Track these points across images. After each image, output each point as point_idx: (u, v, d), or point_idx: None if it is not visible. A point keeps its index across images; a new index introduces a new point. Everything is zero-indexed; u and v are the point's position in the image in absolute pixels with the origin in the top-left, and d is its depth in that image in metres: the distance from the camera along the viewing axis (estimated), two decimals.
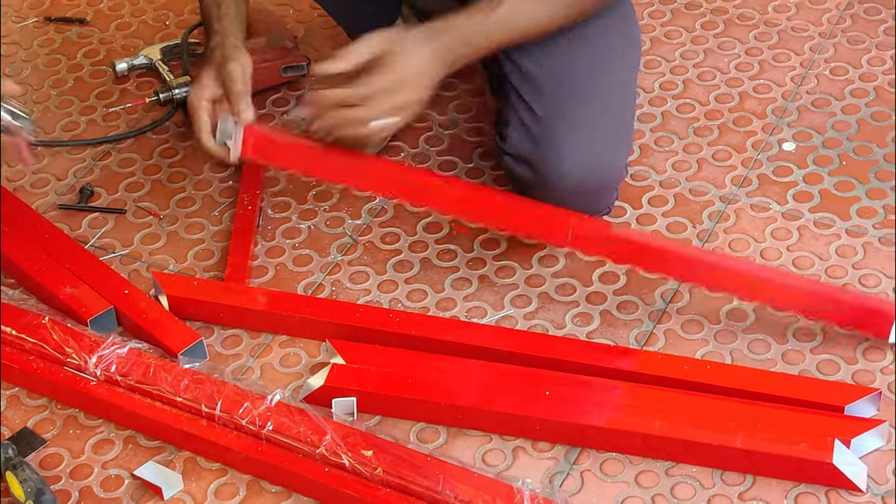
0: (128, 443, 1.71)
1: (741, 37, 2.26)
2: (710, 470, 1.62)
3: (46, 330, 1.78)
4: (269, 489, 1.65)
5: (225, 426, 1.67)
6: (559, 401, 1.66)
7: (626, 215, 1.95)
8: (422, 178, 1.90)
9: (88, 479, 1.68)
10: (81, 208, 2.06)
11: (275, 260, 1.95)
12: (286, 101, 2.22)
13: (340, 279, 1.91)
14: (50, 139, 2.18)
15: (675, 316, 1.81)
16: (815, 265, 1.86)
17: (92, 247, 1.99)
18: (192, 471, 1.67)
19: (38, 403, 1.77)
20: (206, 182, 2.09)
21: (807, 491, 1.59)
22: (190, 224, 2.02)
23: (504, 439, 1.68)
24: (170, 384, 1.70)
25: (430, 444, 1.68)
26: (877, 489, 1.59)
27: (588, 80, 1.82)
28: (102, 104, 2.25)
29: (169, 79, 2.23)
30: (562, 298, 1.85)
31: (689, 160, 2.04)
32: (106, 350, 1.74)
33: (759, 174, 2.01)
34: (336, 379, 1.71)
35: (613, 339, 1.79)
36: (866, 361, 1.73)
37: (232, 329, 1.85)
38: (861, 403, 1.64)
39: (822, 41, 2.24)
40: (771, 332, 1.77)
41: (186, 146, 2.15)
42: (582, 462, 1.65)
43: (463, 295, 1.87)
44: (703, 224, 1.94)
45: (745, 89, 2.16)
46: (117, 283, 1.87)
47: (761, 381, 1.68)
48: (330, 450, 1.60)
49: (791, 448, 1.58)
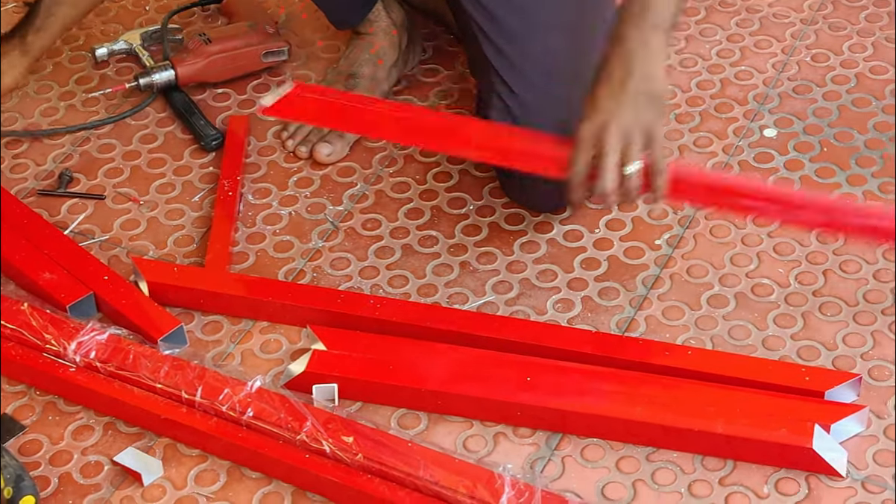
0: (107, 429, 1.71)
1: (723, 23, 2.26)
2: (690, 455, 1.62)
3: (25, 316, 1.77)
4: (250, 475, 1.64)
5: (205, 412, 1.66)
6: (540, 387, 1.66)
7: None
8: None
9: (68, 465, 1.67)
10: (61, 194, 2.05)
11: (255, 246, 1.94)
12: (266, 86, 2.21)
13: (321, 265, 1.91)
14: (28, 125, 2.17)
15: (656, 302, 1.81)
16: (795, 251, 1.86)
17: (71, 232, 1.98)
18: (172, 457, 1.67)
19: (17, 390, 1.76)
20: (187, 168, 2.08)
21: (787, 476, 1.59)
22: (170, 210, 2.01)
23: (485, 425, 1.68)
24: (150, 370, 1.69)
25: (411, 430, 1.68)
26: (857, 474, 1.59)
27: (566, 60, 1.82)
28: (82, 90, 2.24)
29: (149, 64, 2.22)
30: (543, 284, 1.85)
31: (671, 146, 2.04)
32: (85, 336, 1.73)
33: (741, 160, 2.01)
34: (317, 365, 1.71)
35: (595, 325, 1.79)
36: (847, 347, 1.73)
37: (212, 315, 1.84)
38: (841, 389, 1.64)
39: (803, 28, 2.24)
40: (751, 318, 1.78)
41: (166, 132, 2.14)
42: (563, 448, 1.65)
43: (444, 281, 1.87)
44: (684, 210, 1.93)
45: (726, 76, 2.16)
46: (97, 269, 1.86)
47: (742, 367, 1.68)
48: (311, 436, 1.60)
49: (771, 433, 1.58)
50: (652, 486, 1.60)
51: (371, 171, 2.03)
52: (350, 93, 2.00)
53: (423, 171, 2.03)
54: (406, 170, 2.04)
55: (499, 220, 1.94)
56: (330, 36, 2.28)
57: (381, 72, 2.11)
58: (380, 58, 2.11)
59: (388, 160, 2.05)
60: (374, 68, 2.10)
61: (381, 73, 2.11)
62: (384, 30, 2.12)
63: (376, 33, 2.12)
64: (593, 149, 1.62)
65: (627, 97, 1.62)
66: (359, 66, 2.10)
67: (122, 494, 1.64)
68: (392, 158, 2.06)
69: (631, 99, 1.62)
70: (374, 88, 2.08)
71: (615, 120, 1.61)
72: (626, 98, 1.62)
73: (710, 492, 1.59)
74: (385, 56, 2.11)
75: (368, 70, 2.10)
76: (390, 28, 2.12)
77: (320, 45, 2.27)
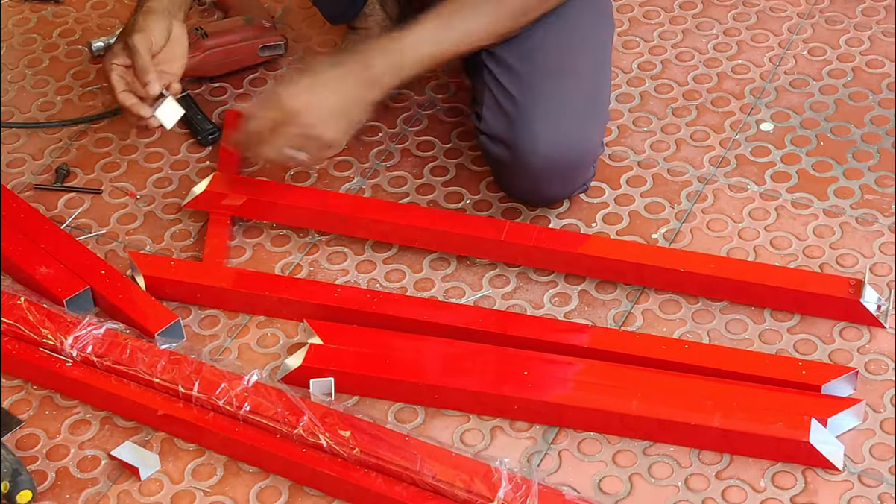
0: (104, 423, 1.71)
1: (719, 17, 2.26)
2: (687, 449, 1.63)
3: (22, 310, 1.77)
4: (247, 469, 1.64)
5: (202, 407, 1.66)
6: (537, 381, 1.66)
7: (605, 195, 1.95)
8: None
9: (65, 459, 1.67)
10: (57, 188, 2.04)
11: (252, 240, 1.94)
12: (263, 80, 2.21)
13: (318, 259, 1.91)
14: (25, 119, 2.17)
15: (653, 296, 1.81)
16: (792, 245, 1.86)
17: (68, 227, 1.98)
18: (169, 451, 1.67)
19: (14, 384, 1.76)
20: (183, 162, 2.08)
21: (784, 470, 1.60)
22: (167, 204, 2.01)
23: (482, 419, 1.68)
24: (147, 365, 1.69)
25: (408, 424, 1.68)
26: (853, 468, 1.59)
27: (560, 59, 1.82)
28: (78, 84, 2.24)
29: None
30: (540, 279, 1.85)
31: (668, 140, 2.04)
32: (82, 331, 1.73)
33: (737, 154, 2.01)
34: (314, 359, 1.71)
35: (592, 319, 1.79)
36: (843, 341, 1.73)
37: (209, 309, 1.84)
38: (838, 382, 1.64)
39: (800, 21, 2.24)
40: (748, 312, 1.78)
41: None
42: (560, 441, 1.65)
43: (441, 275, 1.87)
44: (681, 204, 1.94)
45: (723, 70, 2.16)
46: (94, 264, 1.86)
47: (738, 361, 1.68)
48: (307, 430, 1.60)
49: (768, 427, 1.59)
50: (648, 480, 1.60)
51: (368, 165, 2.03)
52: (263, 182, 1.98)
53: (420, 165, 2.03)
54: (403, 164, 2.04)
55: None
56: (326, 31, 2.28)
57: None
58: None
59: (385, 154, 2.05)
60: None
61: None
62: (379, 24, 2.12)
63: (371, 27, 2.12)
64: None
65: (305, 117, 1.75)
66: None
67: (119, 489, 1.64)
68: (389, 153, 2.06)
69: (307, 118, 1.75)
70: None
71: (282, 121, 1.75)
72: (304, 116, 1.75)
73: (707, 485, 1.59)
74: None
75: None
76: (385, 22, 2.12)
77: (316, 40, 2.28)
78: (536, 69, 1.81)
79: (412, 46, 1.76)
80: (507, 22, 1.78)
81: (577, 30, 1.84)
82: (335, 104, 1.77)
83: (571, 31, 1.83)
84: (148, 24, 1.81)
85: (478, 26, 1.77)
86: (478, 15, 1.76)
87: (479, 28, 1.77)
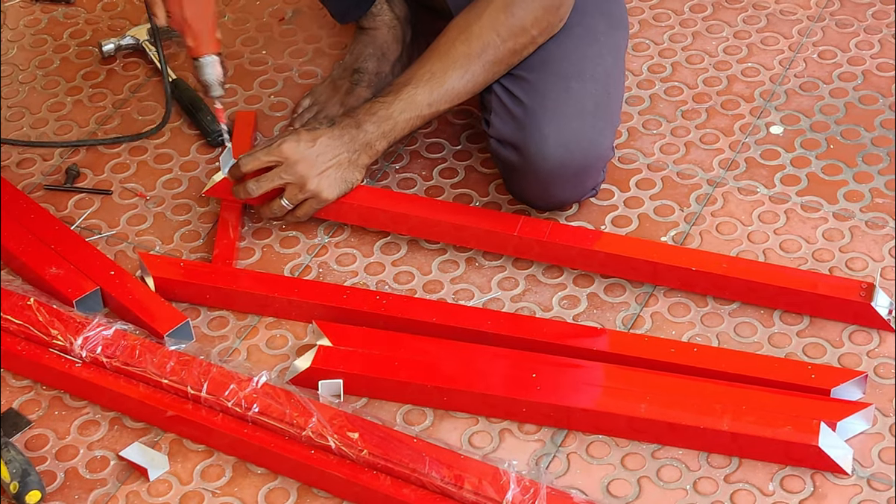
0: (113, 424, 1.71)
1: (730, 20, 2.26)
2: (696, 452, 1.62)
3: (32, 311, 1.77)
4: (255, 471, 1.65)
5: (211, 408, 1.66)
6: (545, 383, 1.66)
7: (614, 198, 1.95)
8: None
9: (74, 460, 1.68)
10: (67, 189, 2.05)
11: (262, 242, 1.94)
12: (273, 82, 2.21)
13: (327, 261, 1.91)
14: (35, 119, 2.17)
15: (662, 299, 1.81)
16: (801, 248, 1.86)
17: (78, 228, 1.98)
18: (177, 452, 1.67)
19: (24, 384, 1.77)
20: (193, 163, 2.08)
21: (792, 473, 1.59)
22: (176, 205, 2.01)
23: (490, 421, 1.68)
24: (156, 366, 1.70)
25: (417, 426, 1.68)
26: (862, 472, 1.59)
27: (569, 64, 1.82)
28: (88, 84, 2.24)
29: (156, 59, 2.22)
30: (549, 281, 1.85)
31: (677, 143, 2.04)
32: (92, 331, 1.73)
33: (747, 157, 2.01)
34: (322, 361, 1.71)
35: (600, 321, 1.79)
36: (853, 344, 1.73)
37: (218, 310, 1.84)
38: (847, 386, 1.64)
39: (810, 24, 2.24)
40: (757, 315, 1.78)
41: (173, 127, 2.14)
42: (568, 444, 1.65)
43: (450, 277, 1.87)
44: (690, 207, 1.94)
45: (733, 72, 2.16)
46: (103, 264, 1.87)
47: (748, 364, 1.68)
48: (316, 432, 1.60)
49: (777, 431, 1.58)
50: (657, 483, 1.60)
51: (378, 166, 2.03)
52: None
53: (430, 167, 2.03)
54: (412, 166, 2.04)
55: None
56: (337, 32, 2.28)
57: (385, 67, 2.11)
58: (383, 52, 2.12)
59: (395, 156, 2.05)
60: (379, 64, 2.10)
61: (385, 68, 2.11)
62: (388, 24, 2.12)
63: (379, 28, 2.12)
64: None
65: (308, 172, 1.84)
66: (363, 62, 2.10)
67: (128, 489, 1.64)
68: (398, 154, 2.06)
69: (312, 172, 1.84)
70: (378, 83, 2.08)
71: (289, 169, 1.84)
72: (307, 169, 1.84)
73: (716, 489, 1.59)
74: (389, 51, 2.11)
75: (373, 66, 2.10)
76: (394, 23, 2.12)
77: (326, 41, 2.28)
78: (545, 74, 1.81)
79: (403, 110, 1.83)
80: (487, 76, 1.83)
81: (586, 34, 1.84)
82: (329, 162, 1.84)
83: (581, 36, 1.83)
84: None
85: (464, 83, 1.82)
86: (465, 72, 1.81)
87: (464, 84, 1.83)
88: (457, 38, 1.81)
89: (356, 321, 1.77)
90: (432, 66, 1.82)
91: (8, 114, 2.18)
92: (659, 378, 1.66)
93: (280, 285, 1.84)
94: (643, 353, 1.69)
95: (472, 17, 1.81)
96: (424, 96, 1.83)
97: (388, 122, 1.84)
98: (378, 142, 1.86)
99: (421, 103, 1.83)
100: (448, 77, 1.82)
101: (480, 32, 1.80)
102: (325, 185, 1.86)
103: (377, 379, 1.70)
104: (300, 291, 1.82)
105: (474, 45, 1.80)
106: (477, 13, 1.80)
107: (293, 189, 1.85)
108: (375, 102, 1.86)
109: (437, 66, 1.82)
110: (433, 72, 1.82)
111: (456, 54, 1.81)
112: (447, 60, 1.81)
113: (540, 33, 1.81)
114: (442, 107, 1.84)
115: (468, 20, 1.81)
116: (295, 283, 1.85)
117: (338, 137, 1.85)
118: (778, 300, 1.77)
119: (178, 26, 1.83)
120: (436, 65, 1.82)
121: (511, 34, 1.79)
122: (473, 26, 1.80)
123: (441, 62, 1.82)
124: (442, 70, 1.82)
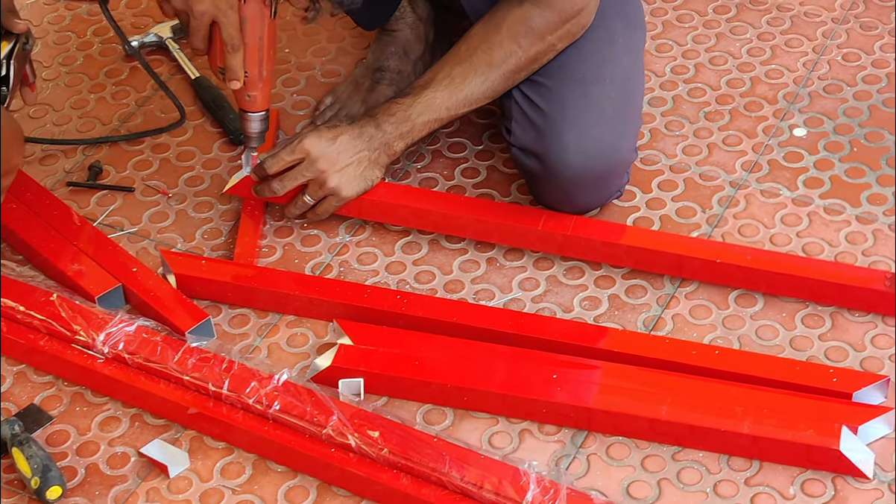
0: (134, 420, 1.72)
1: (753, 21, 2.25)
2: (716, 455, 1.62)
3: (54, 307, 1.78)
4: (275, 468, 1.65)
5: (232, 405, 1.67)
6: (566, 384, 1.66)
7: (636, 199, 1.95)
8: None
9: (95, 456, 1.68)
10: (90, 186, 2.05)
11: (283, 240, 1.95)
12: (296, 80, 2.21)
13: (348, 260, 1.91)
14: (58, 117, 2.18)
15: (683, 301, 1.81)
16: (824, 251, 1.86)
17: (100, 224, 1.99)
18: (198, 449, 1.68)
19: (46, 380, 1.77)
20: (215, 161, 2.08)
21: (813, 477, 1.59)
22: (198, 203, 2.02)
23: (511, 422, 1.68)
24: (177, 362, 1.70)
25: (437, 426, 1.68)
26: (884, 476, 1.59)
27: (587, 68, 1.82)
28: (112, 82, 2.25)
29: (179, 57, 2.22)
30: (570, 282, 1.85)
31: (700, 145, 2.03)
32: (114, 328, 1.74)
33: (770, 160, 2.00)
34: (343, 359, 1.71)
35: (621, 323, 1.79)
36: (875, 348, 1.72)
37: (239, 308, 1.85)
38: (869, 390, 1.64)
39: (834, 27, 2.23)
40: (779, 318, 1.77)
41: (195, 125, 2.15)
42: (588, 445, 1.65)
43: (471, 277, 1.87)
44: (712, 209, 1.93)
45: (756, 74, 2.15)
46: (125, 261, 1.87)
47: (769, 367, 1.67)
48: (336, 430, 1.61)
49: (798, 434, 1.58)
50: (677, 486, 1.60)
51: (399, 165, 2.04)
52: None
53: (451, 166, 2.03)
54: (433, 165, 2.04)
55: None
56: (359, 33, 2.28)
57: (407, 66, 2.11)
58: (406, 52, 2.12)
59: (416, 155, 2.06)
60: (401, 62, 2.11)
61: (407, 66, 2.11)
62: (410, 25, 2.12)
63: (402, 29, 2.12)
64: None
65: (330, 167, 1.85)
66: (385, 61, 2.11)
67: (149, 486, 1.64)
68: (420, 154, 2.06)
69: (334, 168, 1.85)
70: (400, 82, 2.09)
71: (311, 165, 1.85)
72: (329, 164, 1.85)
73: (736, 492, 1.59)
74: (411, 49, 2.11)
75: (395, 64, 2.10)
76: (416, 23, 2.12)
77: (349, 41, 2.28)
78: (564, 80, 1.81)
79: (421, 113, 1.84)
80: (507, 83, 1.83)
81: (604, 38, 1.83)
82: (350, 159, 1.85)
83: (599, 40, 1.83)
84: None
85: (483, 89, 1.83)
86: (486, 80, 1.82)
87: (483, 91, 1.84)
88: (478, 47, 1.81)
89: (377, 320, 1.77)
90: (452, 71, 1.83)
91: (31, 111, 2.19)
92: (680, 380, 1.65)
93: (301, 284, 1.84)
94: (664, 355, 1.69)
95: (492, 27, 1.81)
96: (443, 100, 1.83)
97: (406, 124, 1.85)
98: (396, 142, 1.87)
99: (439, 107, 1.84)
100: (468, 83, 1.82)
101: (502, 42, 1.80)
102: (345, 181, 1.86)
103: (398, 378, 1.70)
104: (321, 290, 1.82)
105: (496, 55, 1.80)
106: (496, 23, 1.80)
107: (314, 185, 1.86)
108: (394, 103, 1.86)
109: (456, 71, 1.82)
110: (453, 76, 1.82)
111: (477, 61, 1.81)
112: (467, 66, 1.82)
113: (560, 41, 1.81)
114: (460, 111, 1.85)
115: (487, 30, 1.81)
116: (316, 282, 1.85)
117: (358, 136, 1.86)
118: (802, 290, 1.76)
119: (249, 82, 1.82)
120: (455, 69, 1.82)
121: (532, 43, 1.80)
122: (494, 36, 1.80)
123: (461, 67, 1.82)
124: (462, 75, 1.82)
